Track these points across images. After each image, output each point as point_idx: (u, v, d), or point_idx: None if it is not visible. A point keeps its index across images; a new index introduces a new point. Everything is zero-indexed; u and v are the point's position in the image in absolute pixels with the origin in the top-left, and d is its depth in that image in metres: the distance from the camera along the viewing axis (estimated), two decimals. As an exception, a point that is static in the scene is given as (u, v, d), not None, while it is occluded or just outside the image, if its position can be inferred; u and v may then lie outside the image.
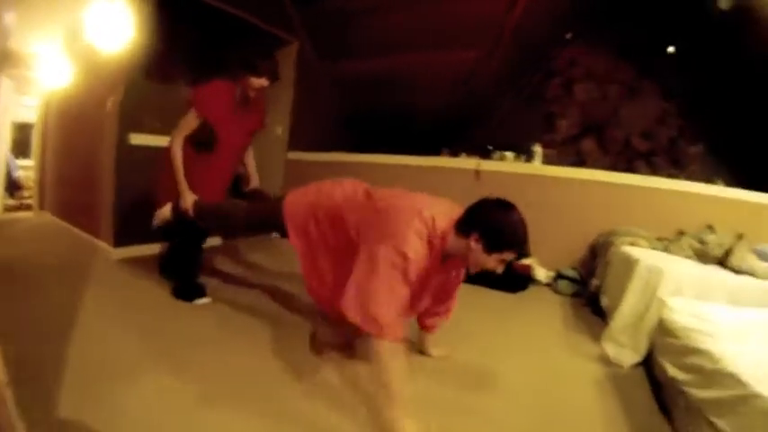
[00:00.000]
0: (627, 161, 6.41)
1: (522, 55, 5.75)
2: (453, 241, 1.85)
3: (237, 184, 3.13)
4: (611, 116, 6.48)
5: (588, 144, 6.58)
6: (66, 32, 4.42)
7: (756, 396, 1.46)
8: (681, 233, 3.59)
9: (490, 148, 5.06)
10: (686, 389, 1.86)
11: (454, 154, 5.18)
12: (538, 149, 4.85)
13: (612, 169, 4.83)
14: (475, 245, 1.80)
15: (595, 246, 4.02)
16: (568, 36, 6.33)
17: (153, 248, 3.86)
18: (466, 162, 4.70)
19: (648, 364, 2.51)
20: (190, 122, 2.72)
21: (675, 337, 2.11)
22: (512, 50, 5.28)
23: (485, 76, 5.31)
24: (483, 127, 6.20)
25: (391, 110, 5.49)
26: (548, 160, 4.85)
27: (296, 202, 2.27)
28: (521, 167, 4.60)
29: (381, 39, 4.82)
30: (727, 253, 3.07)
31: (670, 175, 5.94)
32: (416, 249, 1.76)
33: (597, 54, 6.43)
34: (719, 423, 1.59)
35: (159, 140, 3.34)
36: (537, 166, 4.65)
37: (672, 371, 2.03)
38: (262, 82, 2.76)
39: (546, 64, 6.48)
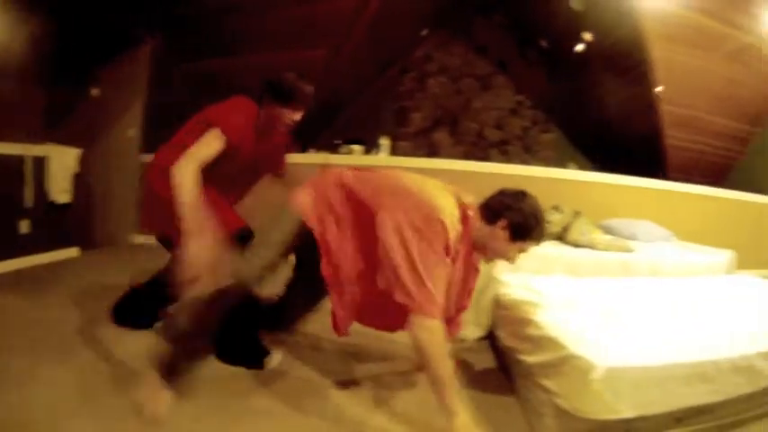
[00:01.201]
0: (481, 150, 6.80)
1: (376, 51, 5.84)
2: (478, 227, 1.81)
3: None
4: (465, 108, 6.84)
5: (441, 135, 6.87)
6: None
7: (574, 356, 1.59)
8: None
9: (338, 142, 5.09)
10: (519, 356, 2.00)
11: (302, 150, 5.13)
12: (385, 142, 5.00)
13: (465, 159, 5.09)
14: (501, 232, 1.76)
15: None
16: (424, 33, 6.54)
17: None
18: (314, 157, 4.68)
19: (493, 337, 2.65)
20: (212, 145, 1.98)
21: (508, 309, 2.27)
22: (366, 47, 5.35)
23: (338, 73, 5.33)
24: (335, 122, 6.22)
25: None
26: (400, 152, 4.97)
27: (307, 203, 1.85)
28: (368, 160, 4.70)
29: (237, 38, 4.68)
30: (565, 229, 3.34)
31: (523, 162, 6.42)
32: (453, 222, 1.67)
33: (453, 50, 6.73)
34: (547, 384, 1.72)
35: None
36: (384, 158, 4.82)
37: (507, 341, 2.18)
38: (295, 117, 2.16)
39: (401, 60, 6.66)
